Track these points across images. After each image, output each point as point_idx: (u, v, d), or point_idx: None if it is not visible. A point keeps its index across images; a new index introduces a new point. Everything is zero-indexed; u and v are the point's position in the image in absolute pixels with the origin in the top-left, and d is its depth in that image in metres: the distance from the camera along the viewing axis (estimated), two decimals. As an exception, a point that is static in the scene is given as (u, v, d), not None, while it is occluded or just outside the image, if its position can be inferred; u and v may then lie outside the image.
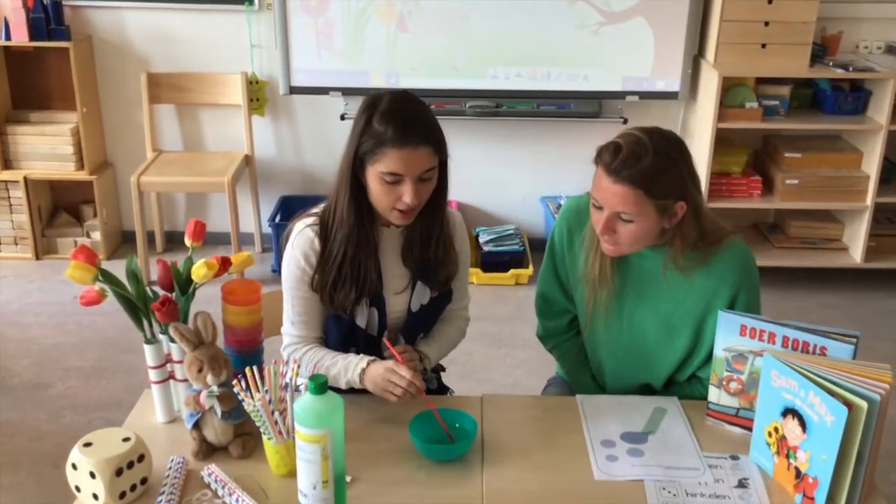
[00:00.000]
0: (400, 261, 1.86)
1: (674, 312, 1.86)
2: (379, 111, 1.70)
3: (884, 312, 3.87)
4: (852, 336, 1.58)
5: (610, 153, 1.69)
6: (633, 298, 1.88)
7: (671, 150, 1.70)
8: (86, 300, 1.64)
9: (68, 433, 2.83)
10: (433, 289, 1.89)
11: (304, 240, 1.81)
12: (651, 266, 1.85)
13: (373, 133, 1.69)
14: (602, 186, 1.71)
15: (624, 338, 1.92)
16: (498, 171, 4.30)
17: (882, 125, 3.74)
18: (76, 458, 1.49)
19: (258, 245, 4.34)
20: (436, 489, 1.57)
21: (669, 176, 1.69)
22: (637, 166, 1.66)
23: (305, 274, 1.81)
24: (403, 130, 1.68)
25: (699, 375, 1.93)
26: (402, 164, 1.69)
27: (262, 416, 1.54)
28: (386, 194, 1.73)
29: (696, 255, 1.80)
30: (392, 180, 1.71)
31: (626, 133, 1.72)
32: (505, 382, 3.28)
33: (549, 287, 2.03)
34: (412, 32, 3.88)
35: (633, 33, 3.86)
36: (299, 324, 1.86)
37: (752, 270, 1.84)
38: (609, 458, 1.65)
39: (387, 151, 1.68)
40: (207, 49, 4.07)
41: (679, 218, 1.74)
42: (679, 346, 1.89)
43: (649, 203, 1.68)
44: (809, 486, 1.51)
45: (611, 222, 1.73)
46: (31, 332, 3.58)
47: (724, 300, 1.81)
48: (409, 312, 1.88)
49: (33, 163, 4.06)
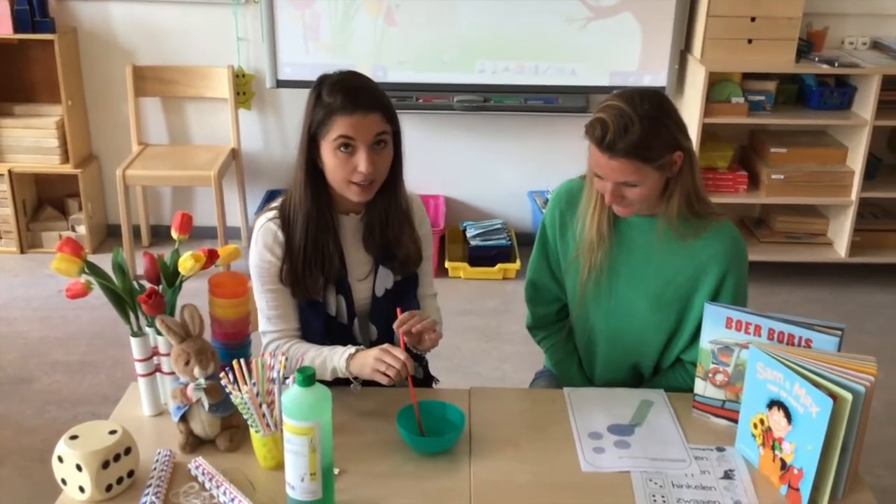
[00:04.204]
0: (361, 247, 1.88)
1: (664, 289, 1.88)
2: (326, 85, 1.75)
3: (868, 306, 3.90)
4: (837, 328, 1.59)
5: (599, 130, 1.71)
6: (625, 276, 1.90)
7: (654, 111, 1.72)
8: (72, 293, 1.63)
9: (54, 427, 2.82)
10: (395, 271, 1.90)
11: (267, 233, 1.82)
12: (644, 239, 1.87)
13: (322, 105, 1.74)
14: (600, 162, 1.74)
15: (614, 317, 1.94)
16: (485, 165, 4.30)
17: (867, 120, 3.76)
18: (62, 450, 1.48)
19: (245, 239, 4.32)
20: (424, 481, 1.57)
21: (660, 137, 1.72)
22: (627, 139, 1.68)
23: (273, 266, 1.82)
24: (352, 97, 1.72)
25: (684, 359, 1.94)
26: (354, 128, 1.72)
27: (250, 408, 1.54)
28: (341, 166, 1.74)
29: (689, 223, 1.83)
30: (345, 149, 1.73)
31: (607, 106, 1.73)
32: (493, 376, 3.28)
33: (539, 274, 2.04)
34: (400, 26, 3.87)
35: (620, 28, 3.87)
36: (276, 318, 1.85)
37: (742, 252, 1.87)
38: (596, 450, 1.66)
39: (337, 119, 1.72)
40: (193, 42, 4.05)
41: (679, 166, 1.78)
42: (666, 324, 1.91)
43: (648, 167, 1.73)
44: (794, 478, 1.52)
45: (617, 190, 1.76)
46: (16, 326, 3.55)
47: (714, 278, 1.83)
48: (375, 297, 1.89)
49: (18, 156, 4.03)
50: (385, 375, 1.68)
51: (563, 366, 2.08)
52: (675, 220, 1.82)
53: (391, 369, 1.67)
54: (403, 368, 1.68)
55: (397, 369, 1.67)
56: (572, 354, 2.07)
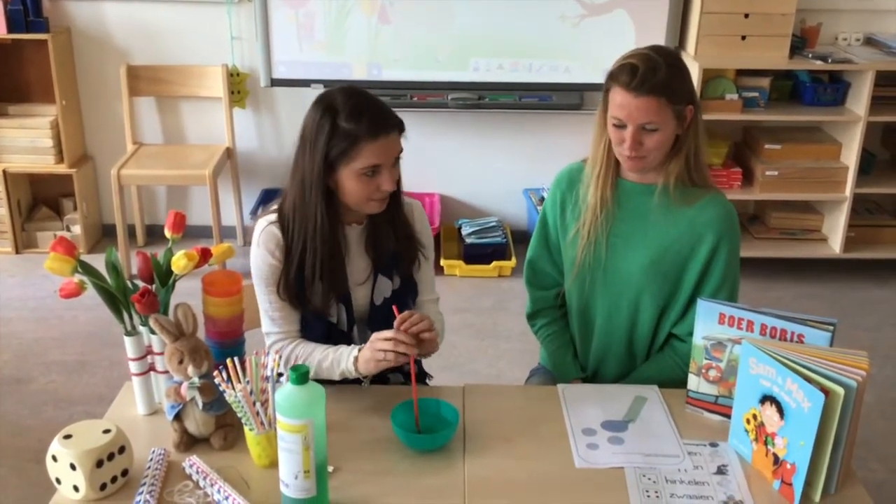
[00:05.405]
0: (363, 254, 1.87)
1: (660, 257, 1.92)
2: (342, 112, 1.70)
3: (862, 302, 3.91)
4: (829, 323, 1.60)
5: (627, 73, 1.81)
6: (622, 245, 1.94)
7: (675, 59, 1.86)
8: (65, 292, 1.63)
9: (50, 428, 2.77)
10: (394, 280, 1.89)
11: (269, 236, 1.80)
12: (643, 207, 1.93)
13: (343, 134, 1.69)
14: (624, 104, 1.82)
15: (610, 288, 1.97)
16: (480, 163, 4.30)
17: (861, 116, 3.77)
18: (56, 449, 1.48)
19: (240, 238, 4.32)
20: (418, 478, 1.58)
21: (681, 82, 1.85)
22: (656, 78, 1.79)
23: (276, 269, 1.80)
24: (375, 122, 1.70)
25: (676, 333, 1.98)
26: (380, 154, 1.71)
27: (244, 406, 1.54)
28: (364, 189, 1.74)
29: (686, 192, 1.90)
30: (371, 173, 1.72)
31: (631, 55, 1.85)
32: (488, 374, 3.29)
33: (537, 256, 2.11)
34: (394, 24, 3.87)
35: (613, 25, 3.87)
36: (280, 320, 1.84)
37: (735, 222, 1.95)
38: (590, 446, 1.66)
39: (363, 146, 1.69)
40: (188, 41, 4.05)
41: (688, 122, 1.87)
42: (662, 294, 1.95)
43: (669, 109, 1.82)
44: (787, 472, 1.52)
45: (637, 135, 1.83)
46: (11, 326, 3.55)
47: (708, 246, 1.90)
48: (373, 305, 1.88)
49: (12, 156, 4.03)
50: (386, 360, 1.68)
51: (558, 355, 2.09)
52: (673, 186, 1.89)
53: (389, 353, 1.68)
54: (398, 345, 1.67)
55: (391, 348, 1.67)
56: (568, 345, 2.10)
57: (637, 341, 2.01)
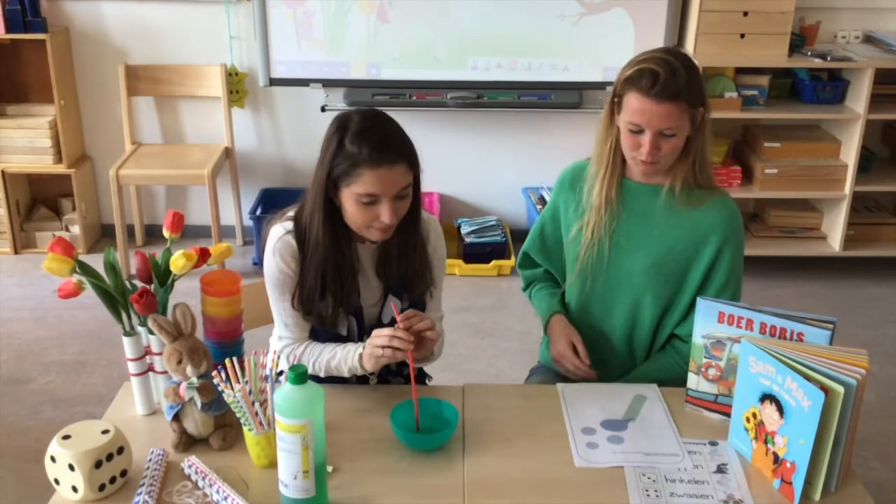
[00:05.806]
0: (374, 273, 1.86)
1: (663, 258, 1.92)
2: (351, 132, 1.67)
3: (862, 300, 3.91)
4: (829, 322, 1.60)
5: (648, 78, 1.78)
6: (626, 245, 1.94)
7: (691, 62, 1.84)
8: (63, 292, 1.62)
9: (48, 428, 2.77)
10: (404, 301, 1.88)
11: (286, 246, 1.79)
12: (648, 208, 1.92)
13: (346, 155, 1.67)
14: (645, 110, 1.79)
15: (612, 288, 1.97)
16: (479, 162, 4.30)
17: (860, 114, 3.77)
18: (55, 450, 1.48)
19: (239, 238, 4.32)
20: (417, 478, 1.57)
21: (697, 83, 1.83)
22: (676, 82, 1.77)
23: (290, 278, 1.80)
24: (378, 150, 1.66)
25: (678, 333, 1.98)
26: (378, 184, 1.67)
27: (243, 407, 1.54)
28: (362, 214, 1.71)
29: (692, 193, 1.90)
30: (368, 201, 1.69)
31: (647, 59, 1.81)
32: (488, 373, 3.28)
33: (533, 249, 2.15)
34: (393, 23, 3.87)
35: (612, 24, 3.87)
36: (293, 326, 1.84)
37: (739, 225, 1.94)
38: (589, 445, 1.66)
39: (362, 172, 1.66)
40: (186, 41, 4.05)
41: (699, 123, 1.85)
42: (664, 295, 1.94)
43: (687, 113, 1.81)
44: (787, 471, 1.52)
45: (655, 141, 1.81)
46: (10, 326, 3.55)
47: (712, 248, 1.89)
48: (381, 325, 1.87)
49: (11, 156, 4.02)
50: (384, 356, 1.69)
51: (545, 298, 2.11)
52: (680, 188, 1.88)
53: (387, 349, 1.68)
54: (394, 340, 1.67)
55: (392, 346, 1.67)
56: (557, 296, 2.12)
57: (637, 341, 2.01)
